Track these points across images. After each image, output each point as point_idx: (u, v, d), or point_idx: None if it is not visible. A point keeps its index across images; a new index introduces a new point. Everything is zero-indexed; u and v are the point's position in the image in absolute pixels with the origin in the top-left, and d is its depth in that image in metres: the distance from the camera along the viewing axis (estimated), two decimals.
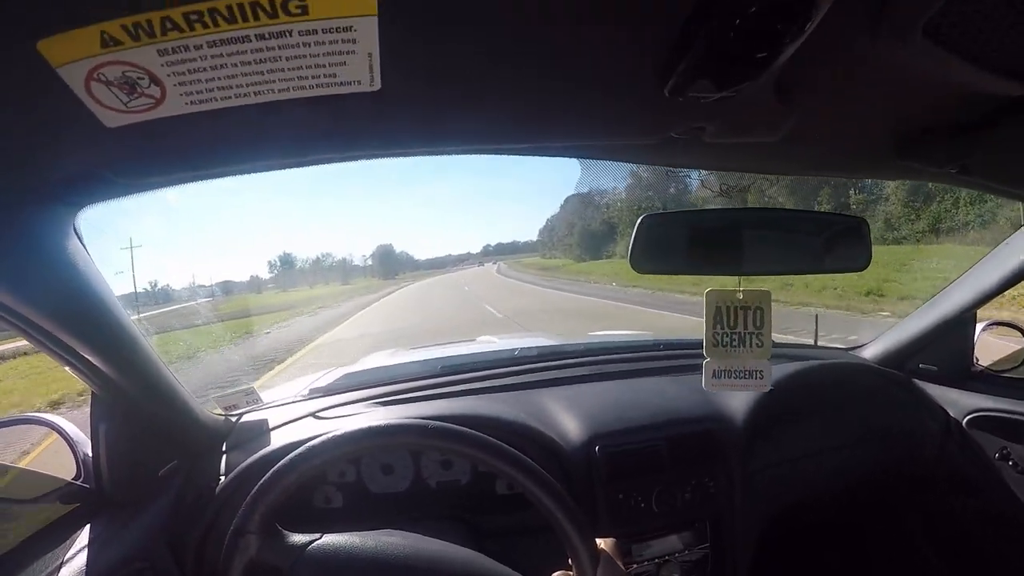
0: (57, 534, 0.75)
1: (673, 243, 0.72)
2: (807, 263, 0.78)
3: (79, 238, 0.62)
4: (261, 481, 0.63)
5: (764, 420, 1.03)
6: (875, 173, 0.85)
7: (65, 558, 0.70)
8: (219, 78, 0.38)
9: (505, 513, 0.95)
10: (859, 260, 0.79)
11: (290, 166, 0.57)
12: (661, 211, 0.80)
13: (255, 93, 0.40)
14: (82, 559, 0.71)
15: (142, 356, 0.74)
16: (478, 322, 10.08)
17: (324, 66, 0.39)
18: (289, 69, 0.38)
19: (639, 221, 0.71)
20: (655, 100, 0.48)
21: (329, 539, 0.64)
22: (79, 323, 0.65)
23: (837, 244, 0.78)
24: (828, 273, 0.83)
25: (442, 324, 10.44)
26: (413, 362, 1.45)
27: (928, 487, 1.25)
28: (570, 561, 0.64)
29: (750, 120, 0.56)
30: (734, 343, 0.75)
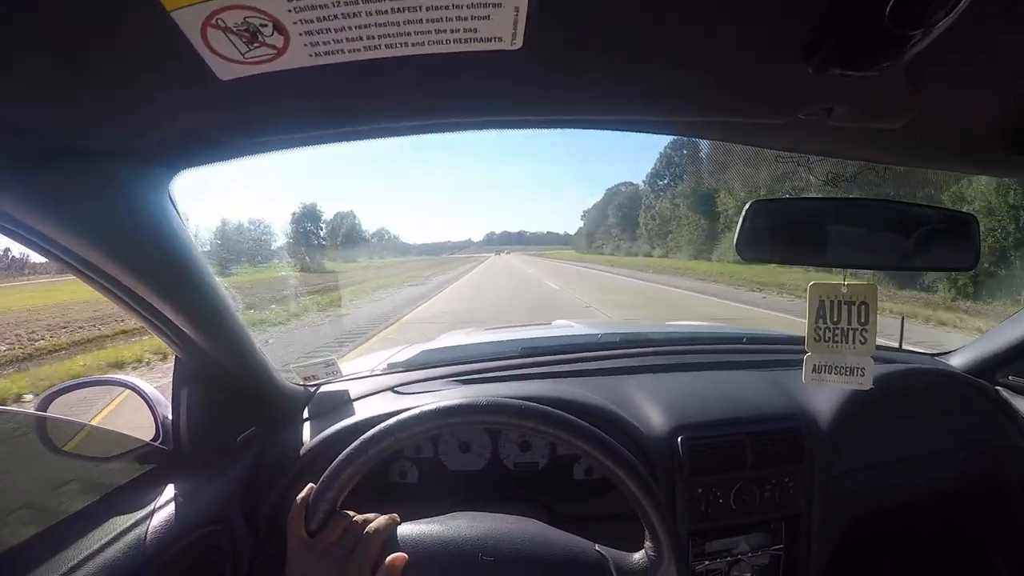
0: (134, 493, 0.75)
1: (780, 231, 0.70)
2: (915, 259, 0.74)
3: (172, 201, 0.61)
4: (333, 465, 0.63)
5: (849, 423, 0.99)
6: (988, 168, 0.80)
7: (140, 517, 0.71)
8: (350, 27, 0.36)
9: (581, 499, 0.94)
10: (966, 259, 0.76)
11: (411, 131, 0.54)
12: (770, 197, 0.77)
13: (387, 46, 0.38)
14: (158, 519, 0.72)
15: (227, 321, 0.74)
16: None
17: (466, 19, 0.36)
18: (428, 21, 0.36)
19: (747, 206, 0.69)
20: (794, 76, 0.45)
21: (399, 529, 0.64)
22: (168, 286, 0.65)
23: (945, 240, 0.75)
24: (934, 271, 0.80)
25: None
26: (492, 342, 1.44)
27: (1012, 505, 1.18)
28: (648, 545, 0.63)
29: (877, 104, 0.53)
30: (836, 338, 0.72)
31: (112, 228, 0.56)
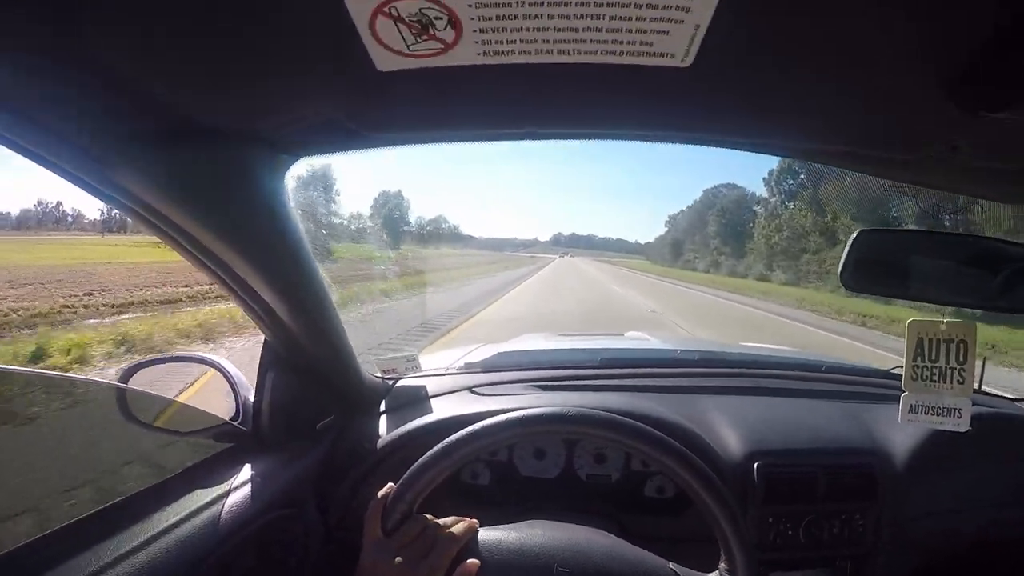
0: (212, 471, 0.77)
1: (887, 263, 0.68)
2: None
3: (284, 185, 0.61)
4: (415, 466, 0.63)
5: (925, 464, 0.96)
6: None
7: (217, 495, 0.72)
8: (528, 29, 0.35)
9: (651, 516, 0.93)
10: None
11: (550, 137, 0.54)
12: (878, 228, 0.76)
13: (559, 52, 0.37)
14: (234, 499, 0.73)
15: (323, 310, 0.75)
16: None
17: (645, 32, 0.35)
18: (607, 30, 0.35)
19: (855, 235, 0.68)
20: (933, 111, 0.45)
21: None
22: (271, 269, 0.66)
23: None
24: None
25: None
26: (569, 349, 1.43)
27: None
28: (723, 567, 0.63)
29: (1009, 143, 0.51)
30: (934, 378, 0.70)
31: (227, 209, 0.57)
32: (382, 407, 0.97)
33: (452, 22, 0.34)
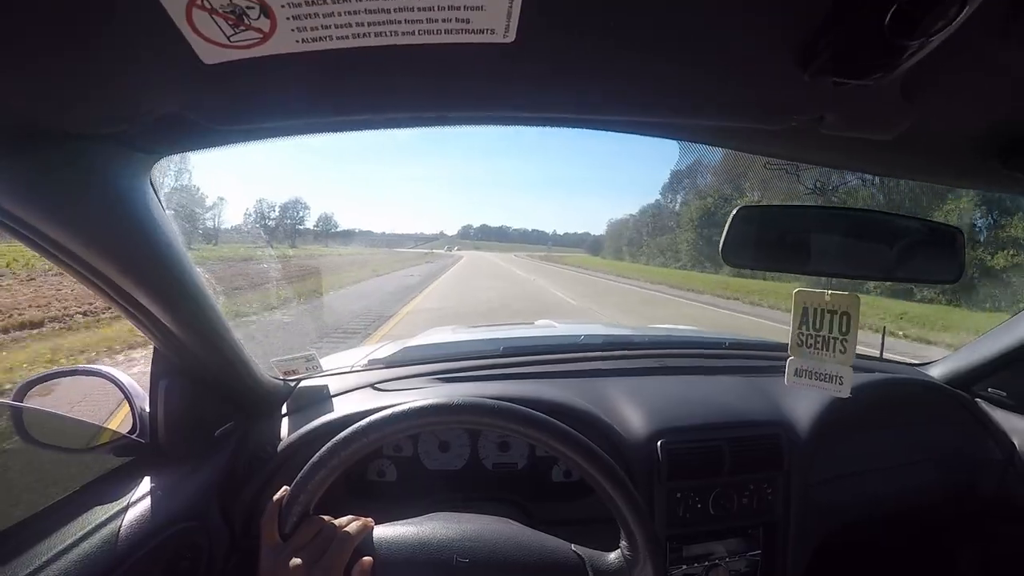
0: (109, 487, 0.74)
1: (766, 238, 0.70)
2: (899, 270, 0.74)
3: (152, 187, 0.60)
4: (305, 468, 0.63)
5: (828, 431, 1.00)
6: (978, 182, 0.81)
7: (115, 511, 0.70)
8: (338, 13, 0.35)
9: (559, 501, 0.94)
10: (950, 272, 0.76)
11: (399, 124, 0.53)
12: (757, 204, 0.77)
13: (376, 34, 0.37)
14: (133, 514, 0.70)
15: (206, 313, 0.73)
16: None
17: (459, 8, 0.35)
18: (419, 9, 0.35)
19: (734, 212, 0.69)
20: (789, 82, 0.45)
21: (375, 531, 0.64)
22: (146, 274, 0.64)
23: (930, 253, 0.75)
24: (918, 283, 0.80)
25: None
26: (474, 340, 1.44)
27: (986, 516, 1.20)
28: (624, 545, 0.64)
29: (870, 113, 0.53)
30: (818, 345, 0.72)
31: (89, 214, 0.55)
32: (284, 410, 0.96)
33: (264, 11, 0.34)
